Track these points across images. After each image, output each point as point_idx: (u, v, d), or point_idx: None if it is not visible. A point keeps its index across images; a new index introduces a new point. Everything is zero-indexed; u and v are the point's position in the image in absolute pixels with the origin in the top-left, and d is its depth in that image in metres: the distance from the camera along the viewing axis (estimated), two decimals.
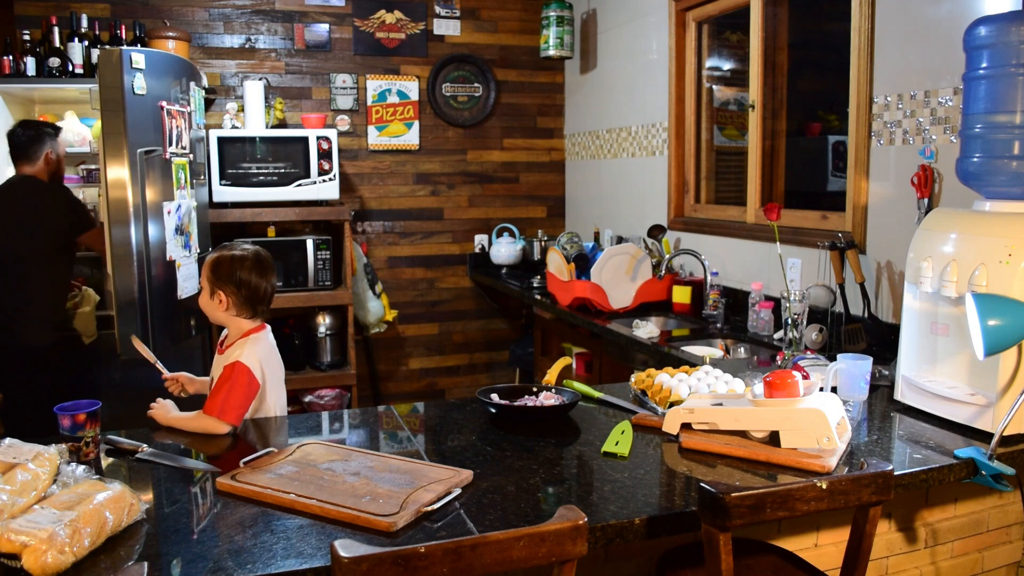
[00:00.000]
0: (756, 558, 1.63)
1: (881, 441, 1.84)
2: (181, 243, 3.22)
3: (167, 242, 3.12)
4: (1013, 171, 1.92)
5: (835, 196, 3.19)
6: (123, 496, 1.38)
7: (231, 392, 1.96)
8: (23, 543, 1.22)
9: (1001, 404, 1.79)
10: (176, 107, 3.18)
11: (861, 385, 2.06)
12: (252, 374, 2.01)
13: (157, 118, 3.04)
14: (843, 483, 1.39)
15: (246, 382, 2.00)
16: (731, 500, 1.30)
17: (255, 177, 4.05)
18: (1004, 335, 1.69)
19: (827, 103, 3.67)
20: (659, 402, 2.02)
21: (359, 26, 4.68)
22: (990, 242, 1.82)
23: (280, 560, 1.27)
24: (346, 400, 4.28)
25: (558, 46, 4.59)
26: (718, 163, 3.92)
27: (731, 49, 3.93)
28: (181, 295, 3.23)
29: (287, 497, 1.48)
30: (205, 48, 4.45)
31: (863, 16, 2.71)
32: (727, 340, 3.13)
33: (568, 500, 1.53)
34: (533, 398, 2.05)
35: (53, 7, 4.12)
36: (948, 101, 2.44)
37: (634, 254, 3.67)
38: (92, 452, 1.71)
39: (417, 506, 1.42)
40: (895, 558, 2.02)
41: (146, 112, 2.99)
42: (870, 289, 2.72)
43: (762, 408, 1.72)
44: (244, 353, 2.04)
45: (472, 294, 5.08)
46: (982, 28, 1.96)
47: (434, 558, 1.12)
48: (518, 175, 5.15)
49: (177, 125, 3.17)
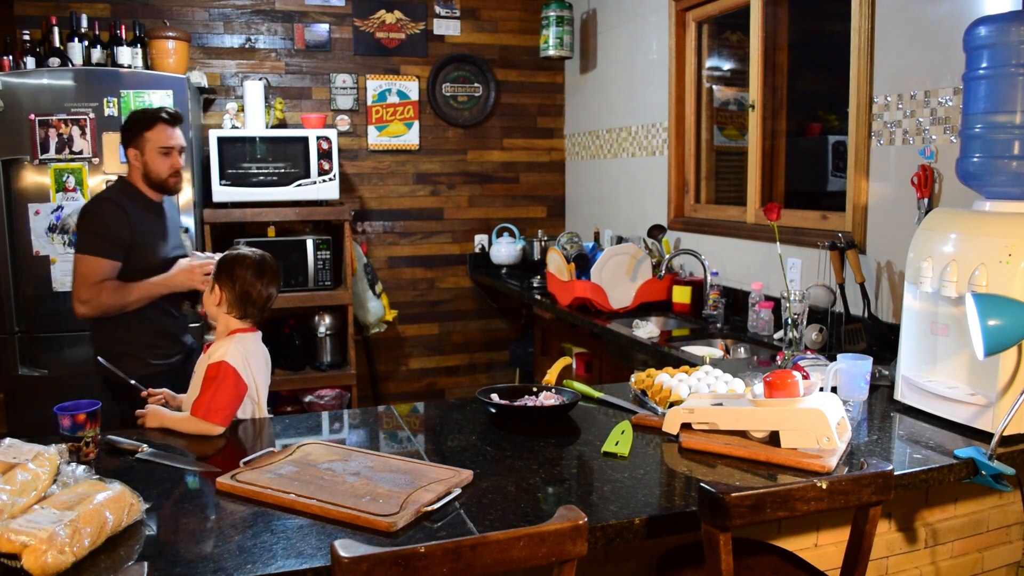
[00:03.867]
0: (756, 558, 1.63)
1: (881, 441, 1.84)
2: (62, 241, 3.64)
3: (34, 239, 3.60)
4: (1013, 171, 1.92)
5: (835, 196, 3.19)
6: (123, 496, 1.38)
7: (217, 393, 1.94)
8: (23, 543, 1.22)
9: (1001, 404, 1.79)
10: (61, 116, 3.57)
11: (861, 385, 2.06)
12: (239, 375, 1.99)
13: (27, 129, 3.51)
14: (843, 483, 1.39)
15: (232, 383, 1.97)
16: (731, 500, 1.30)
17: (255, 177, 4.05)
18: (1004, 335, 1.69)
19: (827, 103, 3.67)
20: (659, 402, 2.02)
21: (359, 26, 4.68)
22: (990, 242, 1.82)
23: (280, 560, 1.27)
24: (346, 400, 4.28)
25: (558, 46, 4.59)
26: (718, 163, 3.92)
27: (731, 49, 3.93)
28: (58, 288, 3.63)
29: (287, 497, 1.48)
30: (205, 48, 4.45)
31: (863, 16, 2.71)
32: (727, 340, 3.13)
33: (568, 500, 1.53)
34: (533, 398, 2.04)
35: (53, 7, 4.11)
36: (948, 101, 2.44)
37: (634, 254, 3.67)
38: (92, 452, 1.71)
39: (417, 506, 1.42)
40: (895, 558, 2.02)
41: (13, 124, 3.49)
42: (870, 289, 2.72)
43: (762, 408, 1.72)
44: (229, 351, 2.02)
45: (472, 294, 5.08)
46: (982, 28, 1.96)
47: (434, 558, 1.12)
48: (518, 175, 5.15)
49: (62, 134, 3.55)
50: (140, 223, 2.62)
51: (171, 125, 2.66)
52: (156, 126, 2.63)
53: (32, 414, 3.59)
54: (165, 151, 2.63)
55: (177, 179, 2.70)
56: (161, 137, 2.63)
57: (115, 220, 2.55)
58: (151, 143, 2.62)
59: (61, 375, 3.64)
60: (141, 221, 2.63)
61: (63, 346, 3.66)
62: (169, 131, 2.64)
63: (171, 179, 2.68)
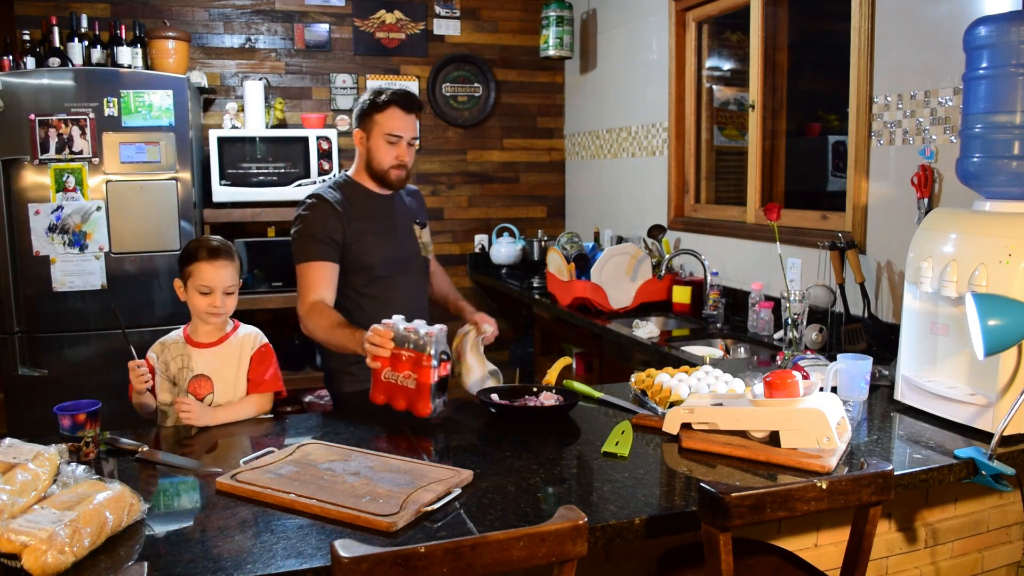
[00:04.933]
0: (756, 558, 1.63)
1: (881, 441, 1.83)
2: (62, 241, 3.62)
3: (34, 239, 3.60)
4: (1013, 171, 1.92)
5: (835, 196, 3.19)
6: (123, 496, 1.38)
7: (272, 366, 2.15)
8: (23, 543, 1.22)
9: (1001, 404, 1.79)
10: (61, 116, 3.54)
11: (861, 385, 2.06)
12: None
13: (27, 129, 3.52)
14: (843, 483, 1.39)
15: (275, 358, 2.19)
16: (731, 500, 1.30)
17: (255, 177, 4.05)
18: (1004, 335, 1.69)
19: (827, 103, 3.67)
20: (659, 402, 2.01)
21: (359, 26, 4.68)
22: (990, 242, 1.82)
23: (280, 560, 1.27)
24: None
25: (558, 46, 4.59)
26: (718, 163, 3.93)
27: (731, 49, 3.93)
28: (58, 288, 3.64)
29: (287, 497, 1.48)
30: (205, 48, 4.45)
31: (863, 16, 2.71)
32: (727, 340, 3.12)
33: (568, 500, 1.53)
34: (533, 398, 2.05)
35: (53, 7, 4.12)
36: (948, 101, 2.44)
37: (634, 254, 3.67)
38: (92, 452, 1.71)
39: (417, 506, 1.42)
40: (895, 558, 2.02)
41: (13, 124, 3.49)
42: (870, 289, 2.72)
43: (762, 408, 1.72)
44: (259, 333, 2.20)
45: (472, 294, 5.08)
46: (982, 28, 1.96)
47: (434, 558, 1.12)
48: (518, 175, 5.15)
49: (61, 134, 3.52)
50: (357, 220, 2.35)
51: (406, 111, 2.35)
52: (388, 109, 2.33)
53: (32, 414, 3.59)
54: (392, 139, 2.34)
55: (400, 172, 2.39)
56: (391, 122, 2.33)
57: (325, 219, 2.30)
58: (379, 127, 2.34)
59: (61, 375, 3.65)
60: (358, 219, 2.35)
61: (63, 346, 3.67)
62: (402, 117, 2.34)
63: (393, 171, 2.38)
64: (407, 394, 1.92)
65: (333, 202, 2.32)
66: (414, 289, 2.49)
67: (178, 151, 3.73)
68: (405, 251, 2.47)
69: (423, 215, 2.62)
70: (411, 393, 1.92)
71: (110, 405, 2.06)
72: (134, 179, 3.70)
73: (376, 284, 2.38)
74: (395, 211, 2.46)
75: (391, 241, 2.41)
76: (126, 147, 3.67)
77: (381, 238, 2.39)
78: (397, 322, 1.94)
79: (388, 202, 2.45)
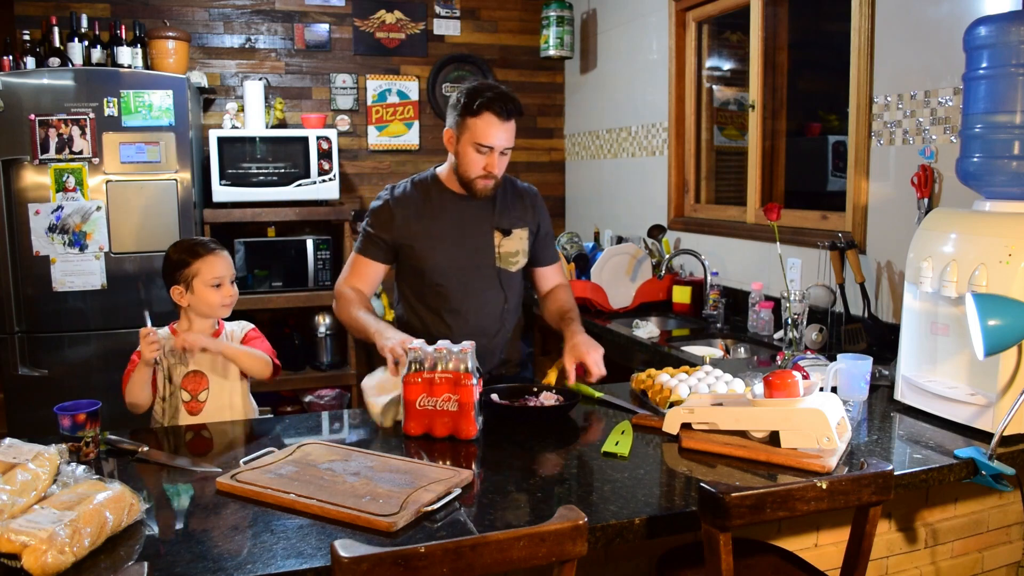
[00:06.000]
0: (756, 558, 1.63)
1: (881, 441, 1.83)
2: (62, 241, 3.62)
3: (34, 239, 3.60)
4: (1013, 171, 1.92)
5: (835, 196, 3.19)
6: (123, 496, 1.38)
7: (267, 342, 2.18)
8: (23, 543, 1.22)
9: (1001, 404, 1.79)
10: (61, 116, 3.52)
11: (861, 385, 2.06)
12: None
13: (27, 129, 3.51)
14: (843, 483, 1.39)
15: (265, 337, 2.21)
16: (731, 500, 1.30)
17: (255, 177, 4.05)
18: (1004, 335, 1.69)
19: (827, 103, 3.67)
20: (659, 402, 2.02)
21: (359, 26, 4.68)
22: (990, 242, 1.82)
23: (280, 560, 1.27)
24: (346, 400, 4.28)
25: (558, 46, 4.59)
26: (718, 163, 3.93)
27: (731, 49, 3.93)
28: (58, 288, 3.63)
29: (287, 497, 1.48)
30: (205, 48, 4.45)
31: (863, 16, 2.71)
32: (727, 340, 3.13)
33: (568, 500, 1.52)
34: (533, 398, 2.05)
35: (53, 7, 4.12)
36: (948, 101, 2.44)
37: (634, 254, 3.67)
38: (92, 452, 1.71)
39: (417, 506, 1.42)
40: (895, 558, 2.02)
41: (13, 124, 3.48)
42: (870, 289, 2.72)
43: (762, 408, 1.72)
44: (245, 323, 2.23)
45: None
46: (982, 28, 1.96)
47: (434, 558, 1.12)
48: (518, 175, 5.12)
49: (62, 134, 3.50)
50: (420, 221, 2.24)
51: (502, 118, 2.13)
52: (482, 115, 2.12)
53: (32, 414, 3.59)
54: (483, 149, 2.15)
55: (488, 182, 2.20)
56: (484, 131, 2.13)
57: (378, 219, 2.26)
58: (469, 133, 2.14)
59: (61, 375, 3.65)
60: (421, 218, 2.25)
61: (63, 346, 3.67)
62: (497, 125, 2.12)
63: (479, 180, 2.20)
64: (449, 418, 1.81)
65: (396, 199, 2.29)
66: (480, 302, 2.28)
67: (178, 151, 3.73)
68: (473, 260, 2.28)
69: (521, 220, 2.36)
70: (454, 416, 1.81)
71: (110, 405, 2.07)
72: (134, 179, 3.69)
73: (431, 293, 2.28)
74: (470, 215, 2.28)
75: (454, 248, 2.26)
76: (126, 147, 3.67)
77: (442, 243, 2.25)
78: (422, 346, 1.85)
79: (464, 205, 2.28)
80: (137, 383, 2.05)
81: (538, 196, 2.47)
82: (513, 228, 2.34)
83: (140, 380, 2.05)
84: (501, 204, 2.34)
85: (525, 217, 2.38)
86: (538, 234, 2.42)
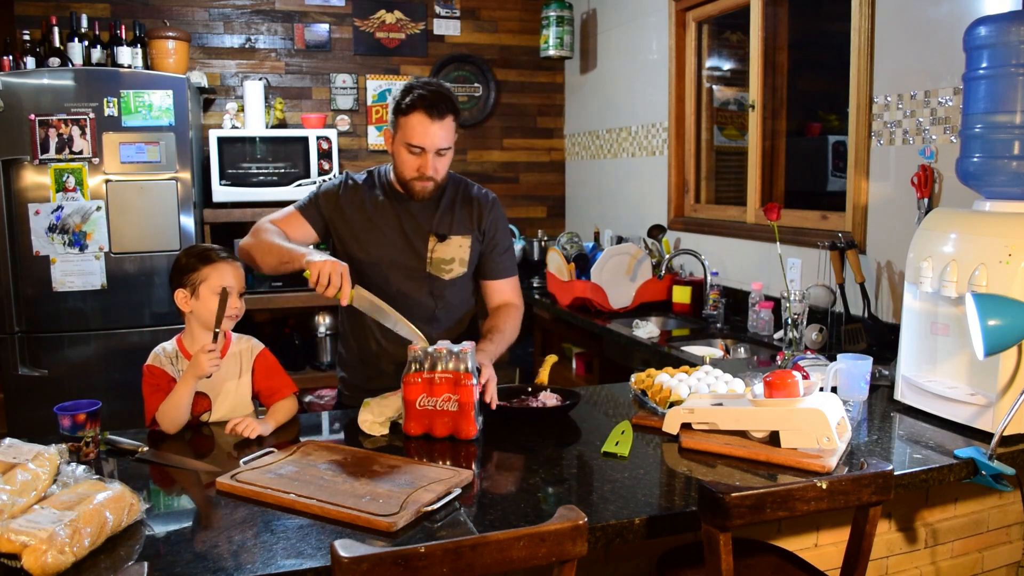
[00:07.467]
0: (756, 558, 1.63)
1: (881, 441, 1.83)
2: (62, 241, 3.63)
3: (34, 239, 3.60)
4: (1013, 171, 1.92)
5: (835, 196, 3.19)
6: (123, 496, 1.38)
7: (281, 370, 2.09)
8: (23, 543, 1.22)
9: (1001, 404, 1.79)
10: (61, 116, 3.53)
11: (861, 385, 2.06)
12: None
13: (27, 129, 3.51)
14: (843, 483, 1.39)
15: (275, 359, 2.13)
16: (731, 500, 1.30)
17: (255, 177, 4.05)
18: (1004, 335, 1.69)
19: (827, 103, 3.67)
20: (659, 402, 2.01)
21: (359, 26, 4.68)
22: (990, 242, 1.82)
23: (280, 560, 1.27)
24: None
25: (558, 46, 4.60)
26: (718, 163, 3.93)
27: (731, 49, 3.93)
28: (58, 288, 3.63)
29: (287, 497, 1.48)
30: (205, 48, 4.45)
31: (863, 16, 2.71)
32: (727, 340, 3.13)
33: (568, 500, 1.53)
34: (533, 398, 2.05)
35: (53, 7, 4.12)
36: (948, 101, 2.44)
37: (634, 254, 3.67)
38: (92, 452, 1.71)
39: (417, 506, 1.42)
40: (895, 558, 2.02)
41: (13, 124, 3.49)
42: (870, 289, 2.72)
43: (762, 408, 1.72)
44: (253, 340, 2.12)
45: None
46: (982, 28, 1.96)
47: (434, 558, 1.12)
48: (518, 175, 5.15)
49: (62, 134, 3.51)
50: (361, 212, 2.17)
51: (434, 117, 2.03)
52: (412, 114, 2.03)
53: (32, 414, 3.59)
54: (415, 149, 2.06)
55: (426, 184, 2.09)
56: (414, 131, 2.04)
57: (327, 195, 2.18)
58: (401, 134, 2.07)
59: (61, 375, 3.65)
60: (364, 211, 2.17)
61: (63, 346, 3.67)
62: (428, 124, 2.03)
63: (416, 183, 2.10)
64: (449, 418, 1.81)
65: (348, 186, 2.20)
66: (404, 306, 2.07)
67: (178, 151, 3.73)
68: (401, 261, 2.18)
69: (463, 227, 2.22)
70: (454, 416, 1.81)
71: (110, 405, 2.07)
72: (134, 179, 3.69)
73: (360, 287, 2.11)
74: (408, 217, 2.19)
75: (387, 247, 2.17)
76: (126, 147, 3.67)
77: (374, 240, 2.17)
78: (423, 348, 1.84)
79: (407, 205, 2.19)
80: (182, 401, 1.89)
81: (495, 205, 2.29)
82: (452, 234, 2.21)
83: (184, 396, 1.88)
84: (444, 208, 2.21)
85: (469, 224, 2.23)
86: (486, 243, 2.27)
